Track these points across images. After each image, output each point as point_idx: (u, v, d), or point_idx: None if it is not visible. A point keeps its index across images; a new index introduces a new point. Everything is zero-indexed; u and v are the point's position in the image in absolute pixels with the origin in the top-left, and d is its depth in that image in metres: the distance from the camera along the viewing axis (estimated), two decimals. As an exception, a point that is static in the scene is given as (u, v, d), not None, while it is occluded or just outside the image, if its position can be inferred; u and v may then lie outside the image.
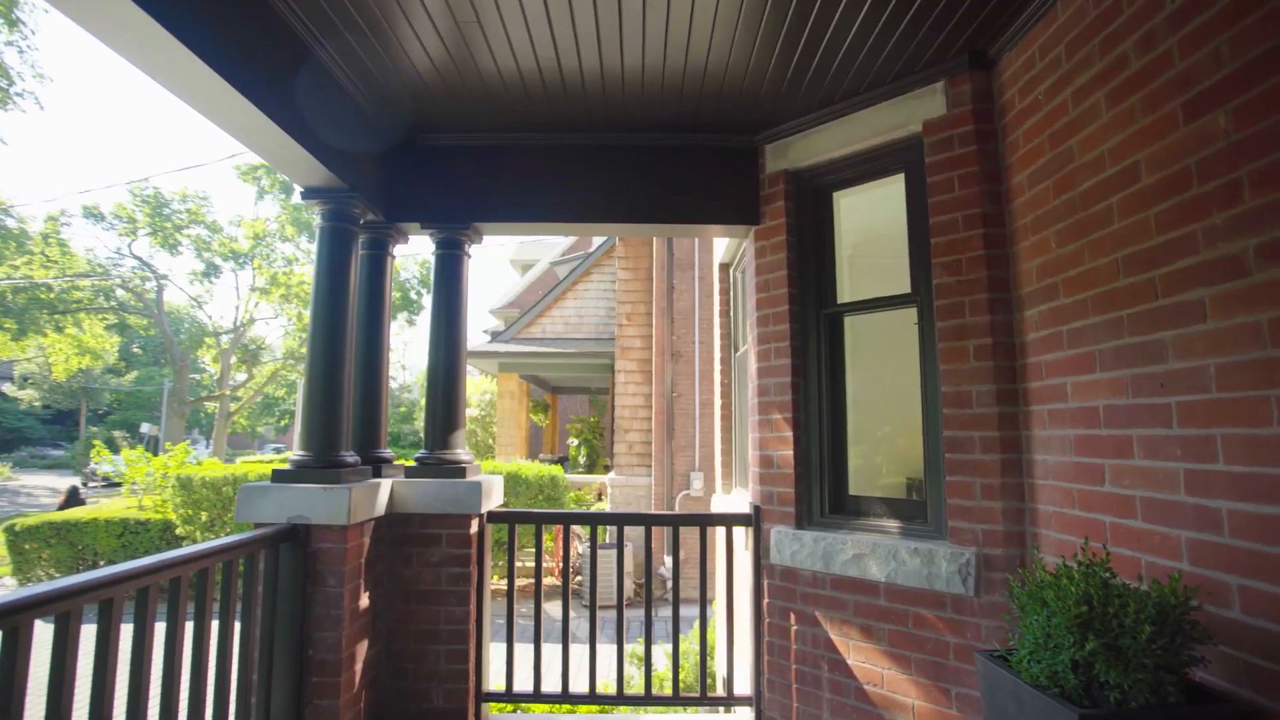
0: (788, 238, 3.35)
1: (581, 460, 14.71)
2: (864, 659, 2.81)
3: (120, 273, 28.33)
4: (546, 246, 23.15)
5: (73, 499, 15.27)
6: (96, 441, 18.24)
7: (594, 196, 3.53)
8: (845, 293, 3.32)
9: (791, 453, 3.20)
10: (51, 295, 27.37)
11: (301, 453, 2.80)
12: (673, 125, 3.44)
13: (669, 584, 9.65)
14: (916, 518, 2.87)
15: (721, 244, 5.23)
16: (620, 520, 3.28)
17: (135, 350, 44.96)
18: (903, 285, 3.05)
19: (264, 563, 2.53)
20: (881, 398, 3.39)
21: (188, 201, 27.22)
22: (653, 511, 10.21)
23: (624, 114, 3.32)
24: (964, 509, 2.58)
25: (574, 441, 14.78)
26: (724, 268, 5.22)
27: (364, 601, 2.85)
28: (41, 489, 27.84)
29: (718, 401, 5.25)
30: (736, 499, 4.49)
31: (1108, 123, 2.00)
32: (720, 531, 3.49)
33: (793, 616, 3.11)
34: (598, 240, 15.45)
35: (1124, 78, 1.93)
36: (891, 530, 2.90)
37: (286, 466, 2.76)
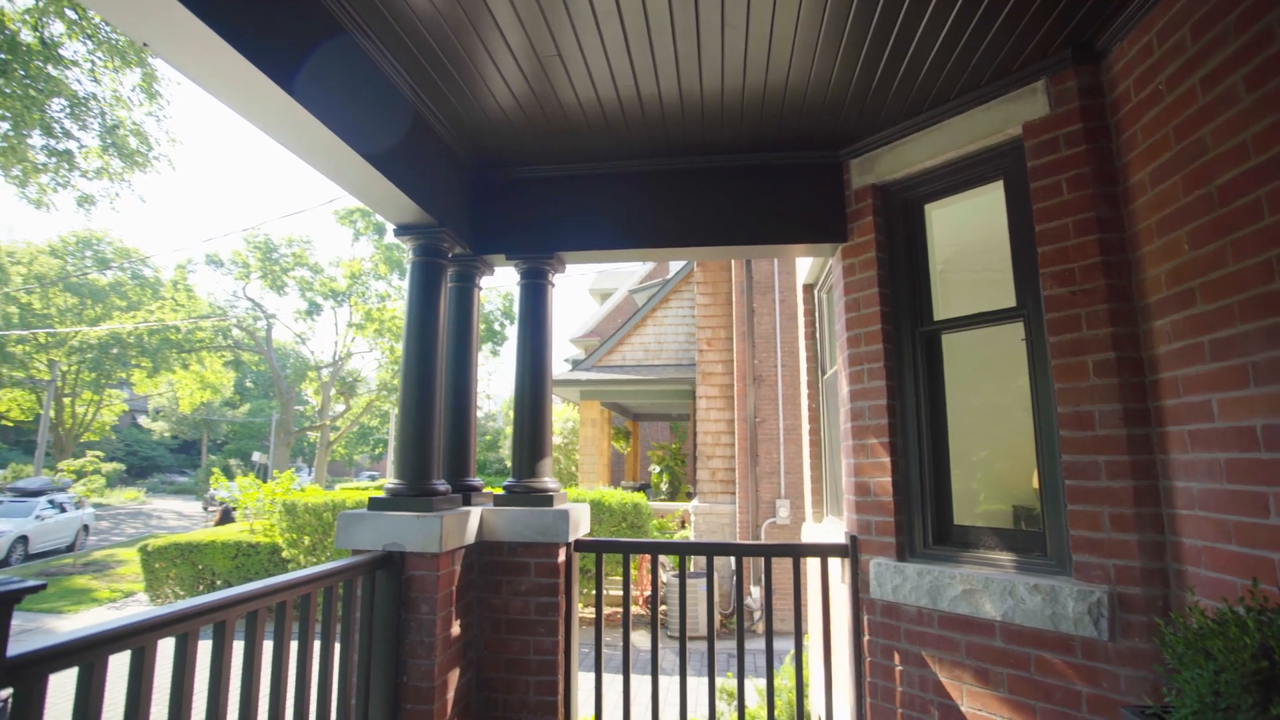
0: (877, 254, 3.21)
1: (664, 487, 14.61)
2: (980, 705, 2.57)
3: (236, 313, 30.86)
4: (624, 275, 23.49)
5: (226, 518, 16.58)
6: (215, 469, 19.74)
7: (674, 221, 3.52)
8: (941, 309, 3.14)
9: (889, 480, 3.01)
10: (179, 336, 30.14)
11: (396, 481, 2.88)
12: (752, 145, 3.40)
13: (756, 615, 9.34)
14: (1033, 550, 2.63)
15: (804, 264, 5.10)
16: (710, 550, 3.18)
17: (248, 384, 48.67)
18: (1005, 299, 2.84)
19: (361, 589, 2.60)
20: (980, 419, 3.16)
21: (293, 246, 29.45)
22: (740, 540, 9.96)
23: (702, 137, 3.31)
24: (1091, 542, 2.34)
25: (656, 468, 14.71)
26: (808, 288, 5.07)
27: (455, 629, 2.87)
28: (169, 512, 30.34)
29: (805, 426, 5.07)
30: (829, 528, 4.29)
31: (1250, 106, 1.79)
32: (814, 563, 3.33)
33: (897, 656, 2.90)
34: (675, 266, 15.51)
35: (1270, 54, 1.72)
36: (1005, 564, 2.66)
37: (382, 494, 2.84)
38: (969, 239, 3.59)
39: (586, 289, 28.49)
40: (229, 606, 1.88)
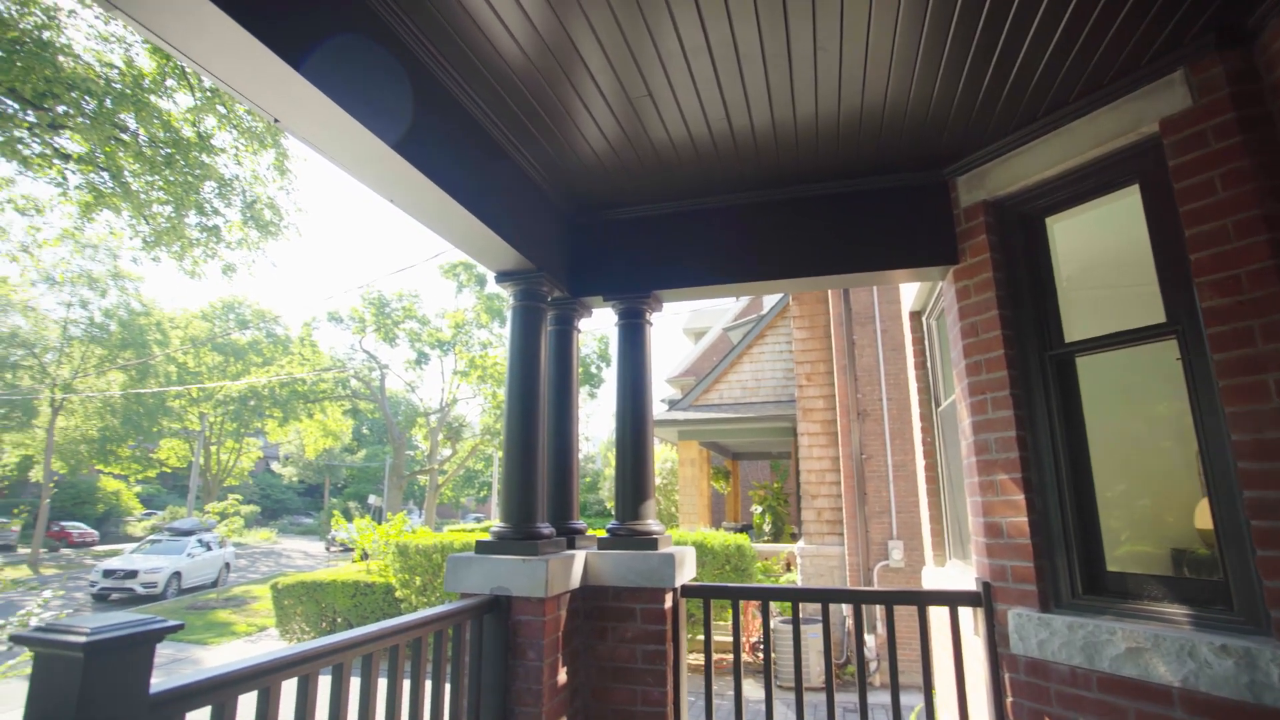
0: (994, 274, 2.98)
1: (766, 528, 14.14)
2: (1159, 787, 2.20)
3: (353, 365, 33.23)
4: (718, 313, 23.42)
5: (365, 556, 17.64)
6: (336, 512, 21.04)
7: (771, 254, 3.44)
8: (1070, 330, 2.85)
9: (1025, 520, 2.72)
10: (305, 388, 32.77)
11: (501, 524, 2.90)
12: (849, 171, 3.28)
13: (873, 665, 8.71)
14: (1213, 603, 2.26)
15: (909, 291, 4.84)
16: (825, 597, 2.98)
17: (365, 431, 52.00)
18: (1150, 314, 2.54)
19: (470, 633, 2.60)
20: (1117, 450, 2.81)
21: (403, 300, 31.51)
22: (851, 585, 9.41)
23: (796, 166, 3.23)
24: (1290, 594, 1.98)
25: (757, 509, 14.28)
26: (915, 316, 4.81)
27: (562, 677, 2.82)
28: (297, 552, 32.54)
29: (920, 462, 4.73)
30: (954, 573, 3.93)
31: None
32: (942, 612, 3.04)
33: (1048, 722, 2.56)
34: (770, 302, 15.29)
35: None
36: (1178, 619, 2.31)
37: (488, 538, 2.86)
38: (1094, 253, 3.28)
39: (680, 329, 28.64)
40: (346, 649, 1.91)
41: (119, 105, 10.30)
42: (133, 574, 17.96)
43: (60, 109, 10.21)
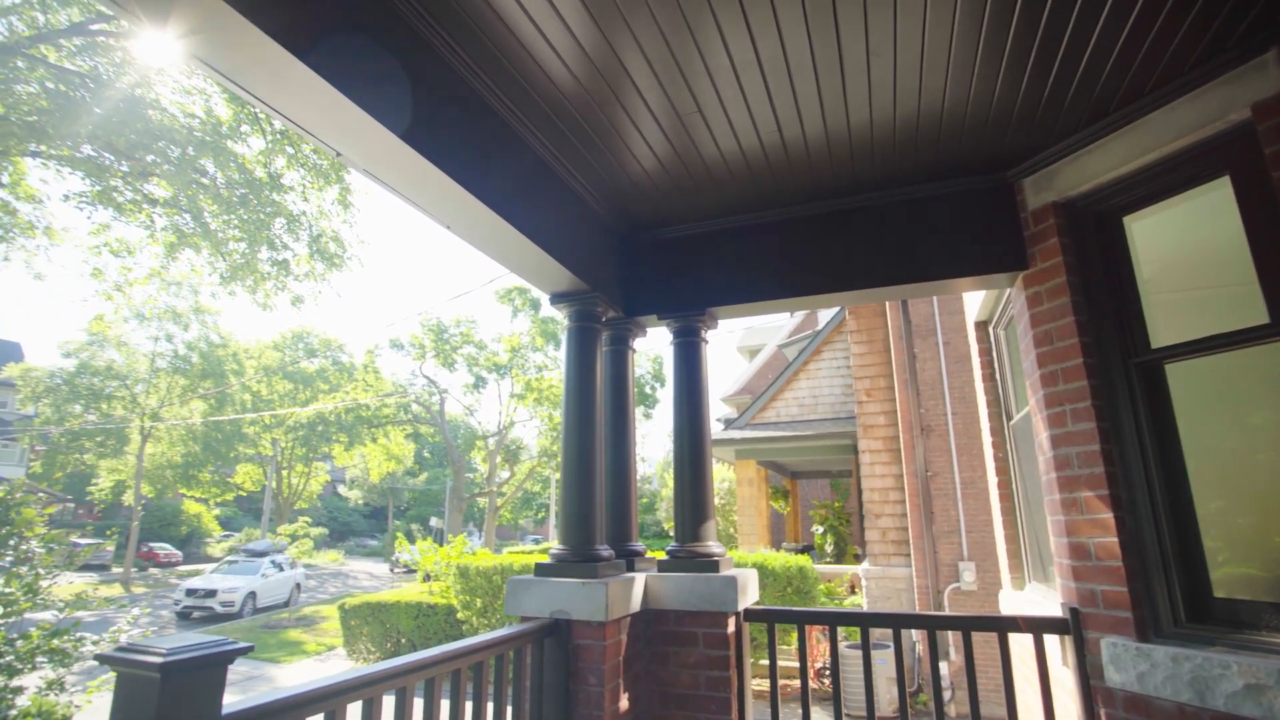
0: (1068, 278, 2.82)
1: (829, 549, 13.74)
2: (1287, 839, 1.98)
3: (414, 390, 34.21)
4: (772, 330, 23.15)
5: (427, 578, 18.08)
6: (399, 534, 21.57)
7: (827, 266, 3.36)
8: (1157, 335, 2.66)
9: (1115, 540, 2.53)
10: (369, 413, 33.89)
11: (560, 547, 2.89)
12: (907, 178, 3.19)
13: (947, 694, 8.27)
14: (1341, 633, 2.04)
15: (973, 301, 4.65)
16: (898, 622, 2.83)
17: (426, 454, 53.33)
18: (1247, 315, 2.35)
19: (530, 657, 2.58)
20: (1210, 463, 2.59)
21: (460, 326, 32.35)
22: (920, 609, 9.01)
23: (852, 176, 3.16)
24: None
25: (819, 529, 13.90)
26: (980, 326, 4.60)
27: (623, 703, 2.76)
28: (363, 573, 33.44)
29: (992, 479, 4.50)
30: (1035, 597, 3.69)
31: None
32: (1024, 639, 2.85)
33: (1152, 763, 2.34)
34: (825, 317, 15.01)
35: None
36: (1299, 650, 2.09)
37: (547, 560, 2.85)
38: (1178, 251, 3.08)
39: (734, 347, 28.43)
40: (410, 672, 1.92)
41: (200, 152, 11.01)
42: (212, 593, 18.80)
43: (149, 158, 10.98)
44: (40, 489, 27.34)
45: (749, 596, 3.18)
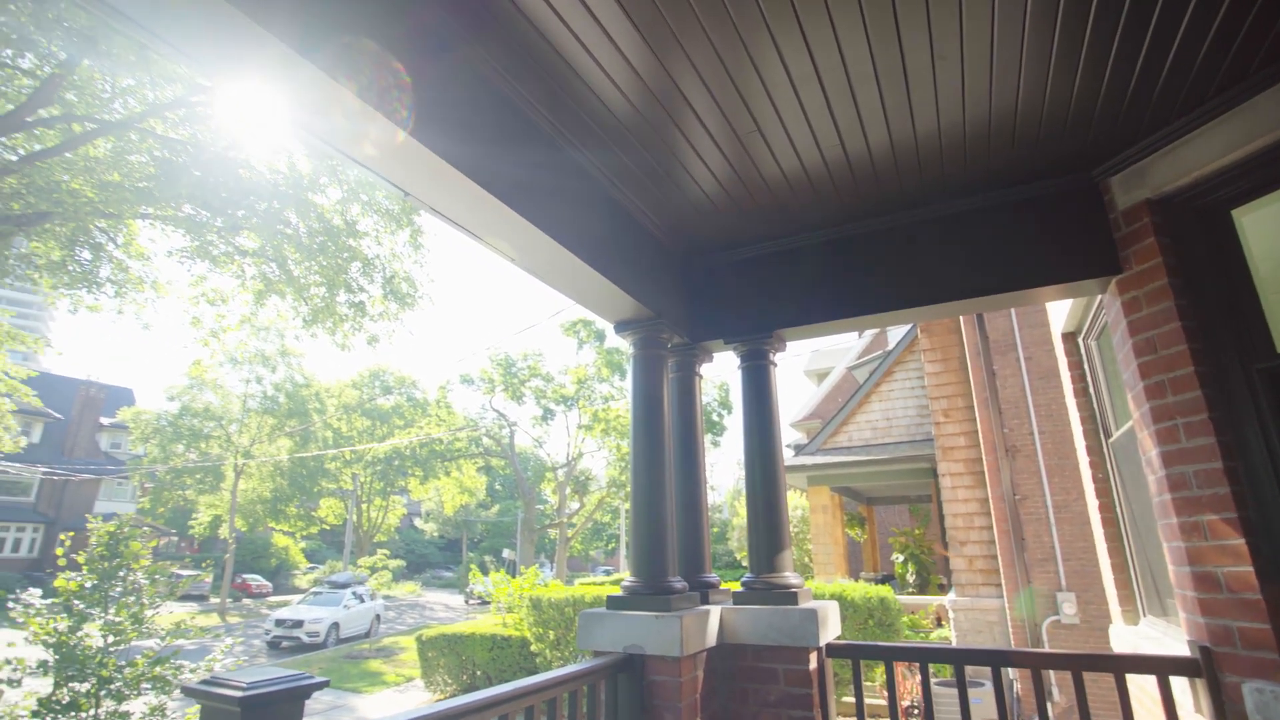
0: (1170, 280, 2.60)
1: (910, 578, 13.08)
2: None
3: (484, 423, 35.02)
4: (840, 352, 22.59)
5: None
6: (473, 566, 21.90)
7: (898, 282, 3.22)
8: (1280, 338, 2.40)
9: (1250, 569, 2.26)
10: (442, 447, 34.89)
11: (632, 579, 2.82)
12: (980, 185, 3.04)
13: (1054, 741, 7.61)
14: None
15: (1059, 310, 4.37)
16: (997, 659, 2.60)
17: (497, 487, 54.28)
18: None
19: (604, 693, 2.51)
20: None
21: (528, 359, 33.03)
22: (1015, 645, 8.40)
23: (920, 186, 3.03)
24: None
25: (899, 557, 13.28)
26: (1069, 338, 4.31)
27: (703, 743, 2.64)
28: (439, 605, 34.06)
29: (1092, 502, 4.16)
30: (1151, 632, 3.35)
31: None
32: (1144, 681, 2.57)
33: (1313, 826, 2.05)
34: (895, 336, 14.55)
35: None
36: None
37: (619, 592, 2.79)
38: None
39: (801, 370, 27.85)
40: (484, 709, 1.88)
41: (284, 204, 11.77)
42: (299, 624, 19.52)
43: (240, 213, 11.82)
44: (145, 523, 29.35)
45: (830, 630, 3.02)
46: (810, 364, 26.19)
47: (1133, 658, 2.50)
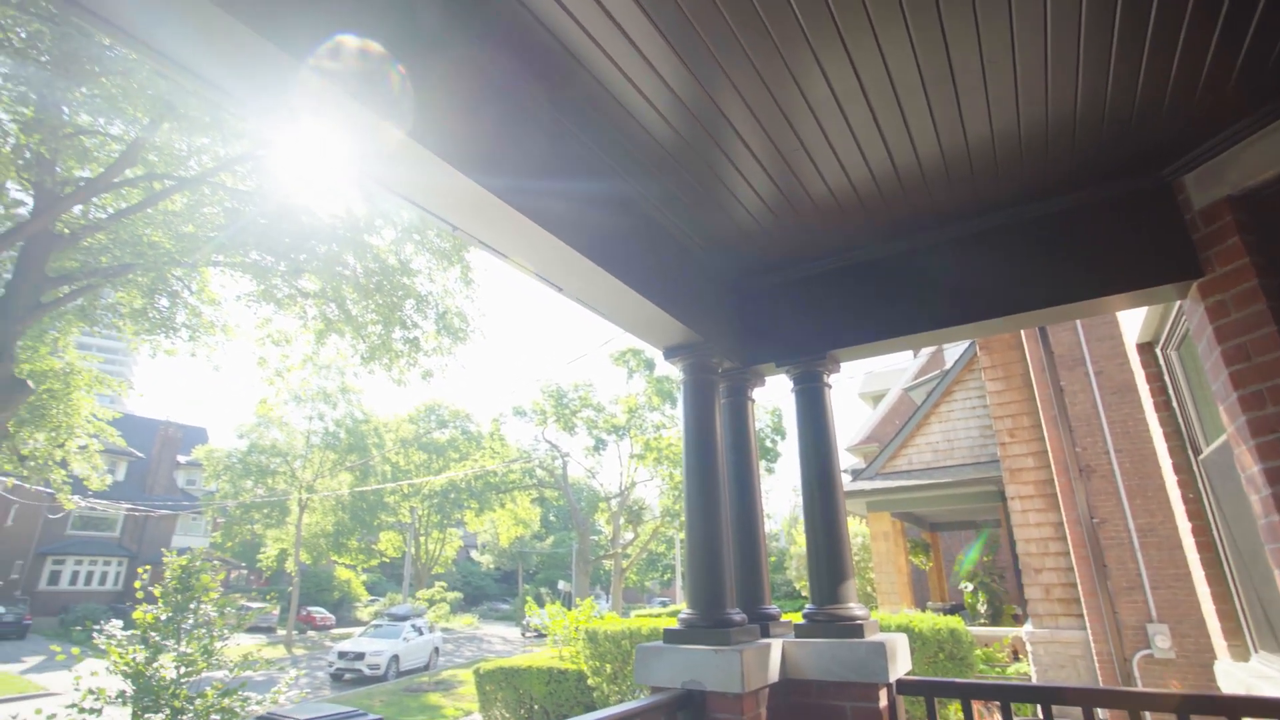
0: (1260, 281, 2.41)
1: (981, 609, 12.42)
2: None
3: (537, 455, 35.31)
4: (895, 374, 22.00)
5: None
6: (528, 598, 21.91)
7: (956, 298, 3.10)
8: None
9: (1376, 597, 2.03)
10: (496, 479, 35.30)
11: (689, 611, 2.74)
12: (1039, 192, 2.91)
13: (1154, 788, 7.00)
14: None
15: (1132, 320, 4.14)
16: (1091, 699, 2.39)
17: (551, 518, 54.46)
18: None
19: (665, 732, 2.42)
20: None
21: (579, 390, 33.28)
22: (1125, 687, 7.81)
23: (973, 197, 2.93)
24: None
25: (967, 586, 12.65)
26: (1145, 348, 4.06)
27: (769, 785, 2.51)
28: (496, 637, 34.12)
29: (1183, 525, 3.86)
30: (1268, 670, 3.05)
31: None
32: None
33: None
34: (952, 355, 14.08)
35: None
36: None
37: (676, 624, 2.71)
38: None
39: (855, 393, 27.19)
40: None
41: (342, 247, 12.28)
42: (360, 656, 19.81)
43: (301, 256, 12.39)
44: (215, 556, 30.53)
45: (900, 665, 2.85)
46: (864, 386, 25.55)
47: (1251, 700, 2.26)
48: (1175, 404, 3.86)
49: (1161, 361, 3.94)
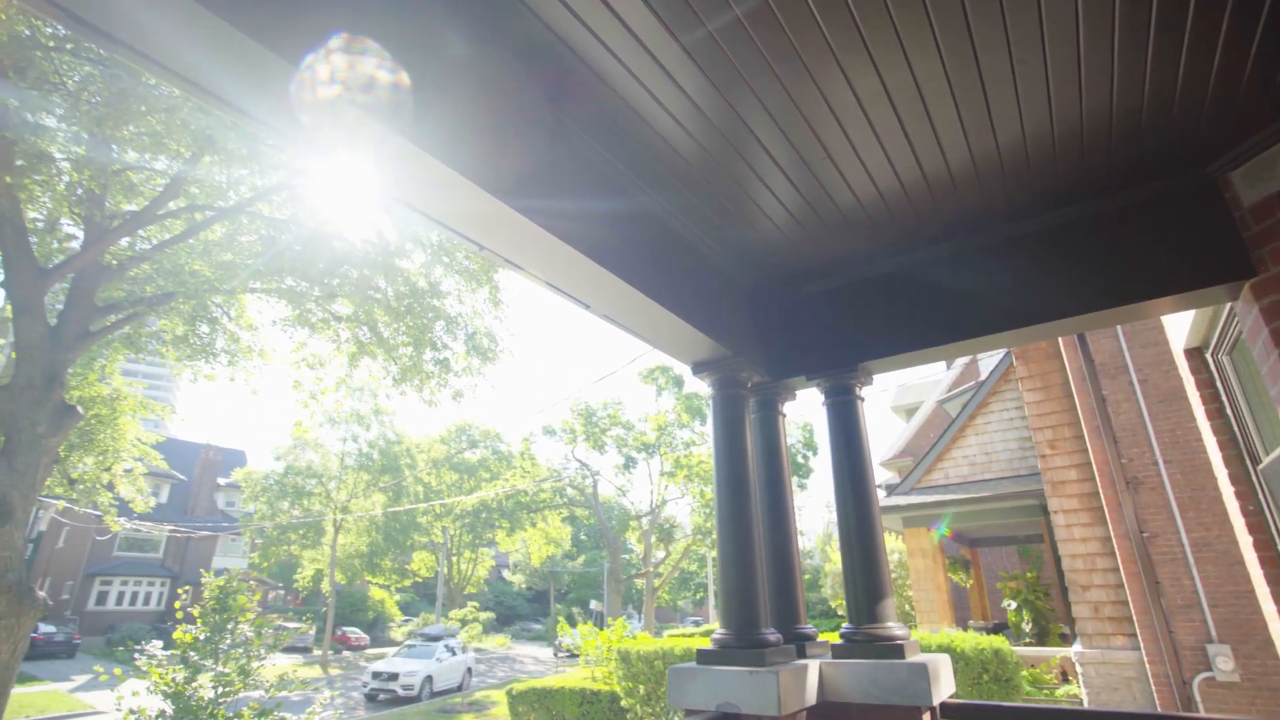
0: (1318, 281, 2.30)
1: (1026, 627, 11.97)
2: None
3: (567, 474, 35.34)
4: (928, 386, 21.60)
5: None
6: (560, 617, 21.82)
7: (991, 305, 3.01)
8: None
9: None
10: (527, 498, 35.40)
11: (722, 631, 2.67)
12: (1074, 194, 2.82)
13: (1220, 819, 6.61)
14: None
15: (1178, 324, 3.99)
16: (1147, 725, 2.27)
17: (582, 537, 54.32)
18: None
19: (700, 756, 2.35)
20: None
21: (607, 408, 33.30)
22: (1188, 714, 7.42)
23: (1006, 202, 2.86)
24: None
25: (1010, 604, 12.21)
26: (1194, 354, 3.90)
27: (809, 814, 2.42)
28: (528, 657, 33.99)
29: (1244, 540, 3.67)
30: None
31: None
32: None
33: None
34: (987, 366, 13.77)
35: None
36: None
37: (709, 646, 2.64)
38: None
39: (888, 407, 26.71)
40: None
41: (373, 271, 12.53)
42: (394, 676, 19.89)
43: (334, 281, 12.67)
44: (251, 576, 31.05)
45: (944, 688, 2.74)
46: (897, 399, 25.10)
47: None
48: (1229, 411, 3.69)
49: (1213, 367, 3.78)
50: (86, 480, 14.46)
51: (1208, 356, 3.79)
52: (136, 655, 6.38)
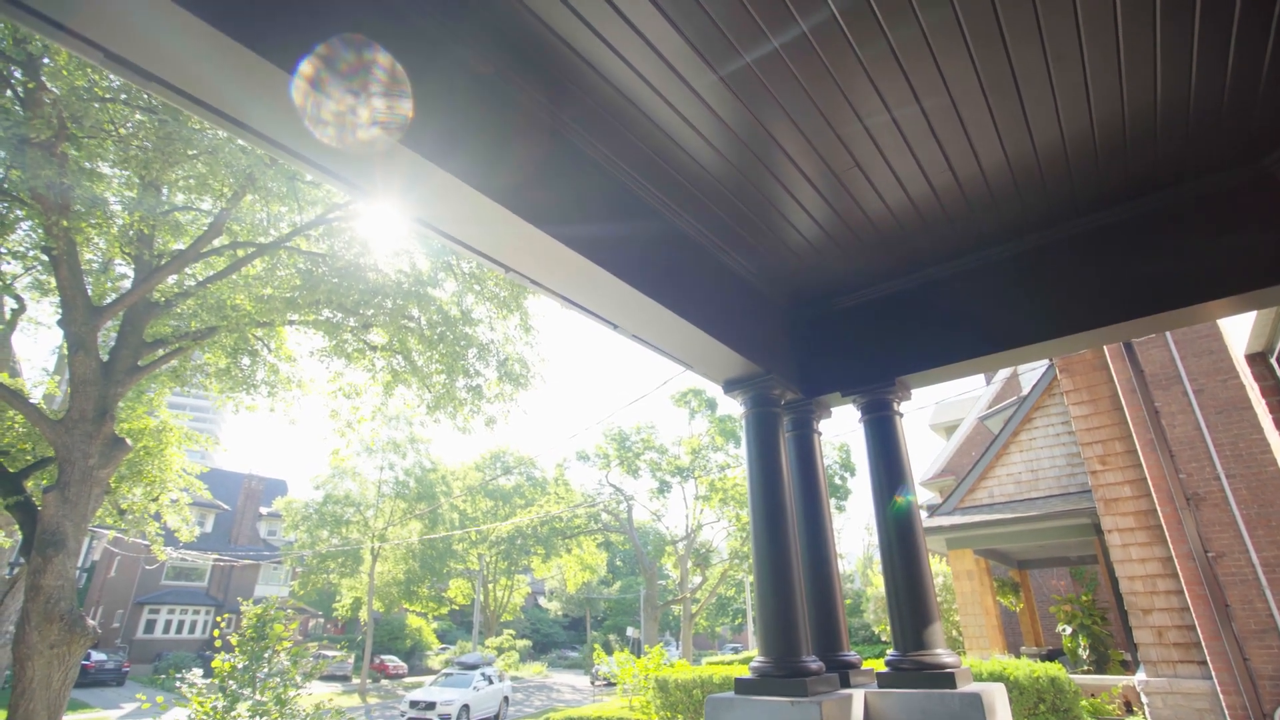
0: (1394, 277, 2.14)
1: (1083, 654, 11.39)
2: None
3: (602, 499, 35.20)
4: (968, 403, 21.04)
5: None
6: (596, 645, 21.55)
7: (1033, 312, 2.89)
8: None
9: None
10: (562, 524, 35.32)
11: (762, 659, 2.57)
12: (1119, 195, 2.71)
13: None
14: None
15: (1237, 328, 3.78)
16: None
17: (618, 563, 53.88)
18: None
19: (742, 792, 2.24)
20: None
21: (641, 432, 33.20)
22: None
23: (1045, 205, 2.75)
24: None
25: (1065, 628, 11.66)
26: (1256, 359, 3.69)
27: None
28: (565, 686, 33.57)
29: (1322, 556, 3.41)
30: None
31: None
32: None
33: None
34: (1029, 381, 13.36)
35: None
36: None
37: (748, 673, 2.54)
38: None
39: (926, 425, 26.09)
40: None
41: (407, 300, 12.78)
42: (431, 705, 19.80)
43: (369, 312, 12.94)
44: (290, 605, 31.45)
45: (1000, 719, 2.58)
46: (935, 417, 24.47)
47: None
48: (1297, 420, 3.47)
49: (1279, 372, 3.57)
50: (135, 510, 14.87)
51: (1273, 361, 3.58)
52: (179, 683, 6.46)
